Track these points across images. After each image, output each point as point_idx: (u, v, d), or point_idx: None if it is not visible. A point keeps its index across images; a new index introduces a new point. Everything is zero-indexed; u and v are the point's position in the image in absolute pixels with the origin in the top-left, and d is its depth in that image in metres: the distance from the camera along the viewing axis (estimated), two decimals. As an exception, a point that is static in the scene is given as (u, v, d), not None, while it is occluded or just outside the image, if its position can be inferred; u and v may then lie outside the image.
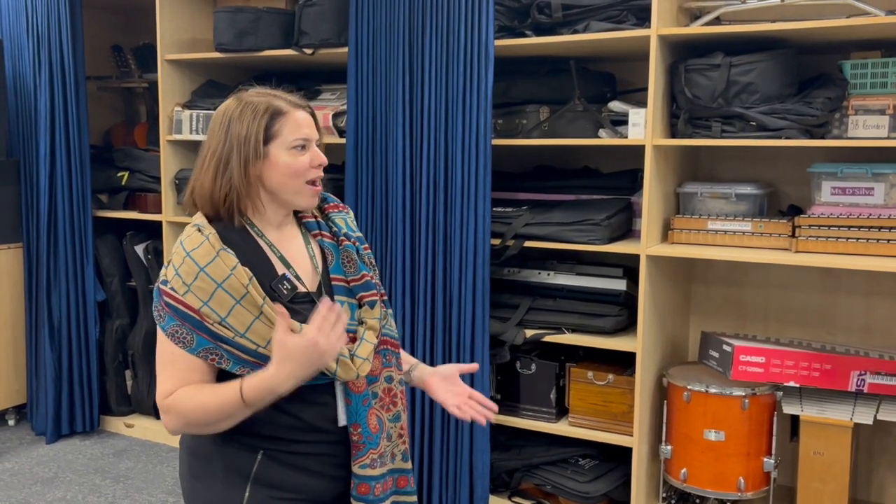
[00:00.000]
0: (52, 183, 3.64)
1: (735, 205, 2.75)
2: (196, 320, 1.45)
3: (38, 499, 3.16)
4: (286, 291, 1.51)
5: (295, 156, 1.53)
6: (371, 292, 1.60)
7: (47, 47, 3.56)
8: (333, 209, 1.68)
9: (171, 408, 1.47)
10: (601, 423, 2.83)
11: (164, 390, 1.49)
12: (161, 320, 1.49)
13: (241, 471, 1.53)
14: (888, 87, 2.49)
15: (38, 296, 3.74)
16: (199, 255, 1.46)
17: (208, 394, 1.45)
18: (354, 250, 1.61)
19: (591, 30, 2.66)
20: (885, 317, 2.86)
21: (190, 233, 1.51)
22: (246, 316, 1.45)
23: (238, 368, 1.47)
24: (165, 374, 1.50)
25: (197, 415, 1.46)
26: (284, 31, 3.26)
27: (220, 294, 1.44)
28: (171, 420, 1.49)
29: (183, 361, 1.47)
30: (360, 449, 1.55)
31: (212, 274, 1.45)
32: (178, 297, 1.46)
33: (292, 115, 1.53)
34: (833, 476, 2.56)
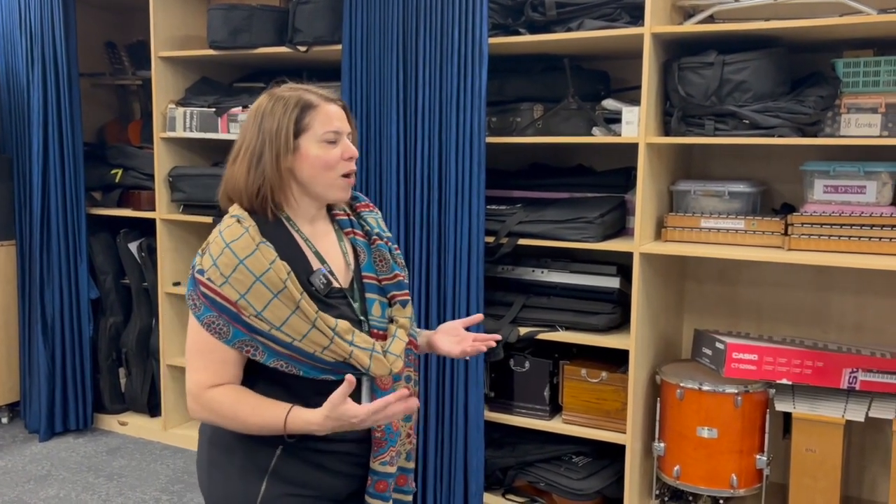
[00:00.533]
0: (46, 180, 3.63)
1: (728, 203, 2.76)
2: (233, 312, 1.46)
3: (31, 497, 3.15)
4: (322, 286, 1.52)
5: (326, 149, 1.54)
6: (404, 292, 1.63)
7: (40, 44, 3.55)
8: (364, 208, 1.70)
9: (207, 404, 1.49)
10: (595, 420, 2.84)
11: (200, 381, 1.49)
12: (196, 309, 1.49)
13: (259, 465, 1.54)
14: (880, 85, 2.51)
15: (32, 293, 3.74)
16: (239, 246, 1.46)
17: (251, 410, 1.47)
18: (387, 250, 1.64)
19: (584, 28, 2.66)
20: (877, 314, 2.87)
21: (229, 223, 1.50)
22: (283, 310, 1.46)
23: (272, 361, 1.48)
24: (199, 363, 1.50)
25: (231, 422, 1.48)
26: (278, 28, 3.26)
27: (258, 287, 1.45)
28: (201, 412, 1.50)
29: (218, 352, 1.48)
30: (381, 446, 1.57)
31: (251, 267, 1.45)
32: (214, 288, 1.46)
33: (323, 109, 1.54)
34: (825, 473, 2.57)
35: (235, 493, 1.54)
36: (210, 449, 1.60)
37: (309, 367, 1.49)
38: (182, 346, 3.72)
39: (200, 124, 3.42)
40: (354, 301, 1.58)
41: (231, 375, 1.50)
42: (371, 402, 1.44)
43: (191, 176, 3.49)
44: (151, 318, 3.80)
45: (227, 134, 3.36)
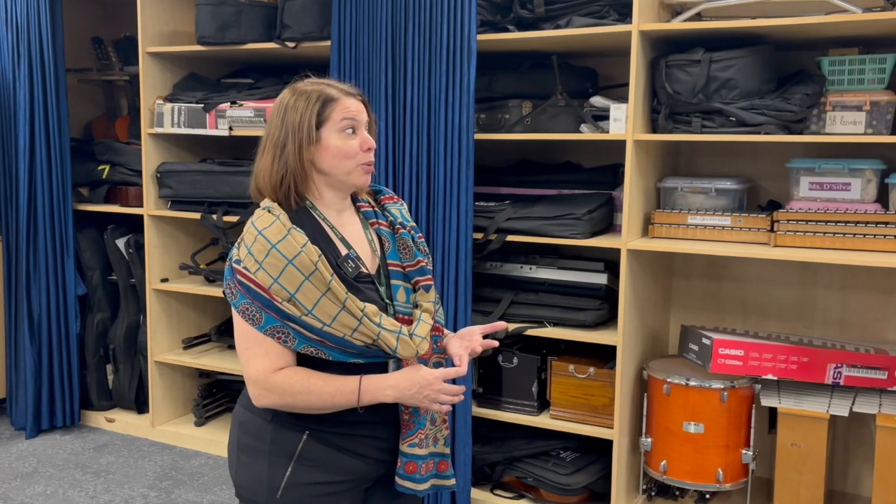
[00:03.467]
0: (32, 176, 3.61)
1: (715, 199, 2.78)
2: (265, 298, 1.50)
3: (17, 494, 3.14)
4: (351, 270, 1.58)
5: (345, 139, 1.60)
6: (426, 277, 1.68)
7: (26, 39, 3.53)
8: (389, 200, 1.75)
9: (277, 387, 1.53)
10: (582, 415, 2.85)
11: (264, 367, 1.54)
12: (233, 298, 1.55)
13: (286, 449, 1.58)
14: (865, 83, 2.53)
15: (18, 290, 3.72)
16: (271, 233, 1.52)
17: (322, 382, 1.53)
18: (410, 238, 1.69)
19: (573, 25, 2.67)
20: (862, 310, 2.90)
21: (260, 214, 1.57)
22: (314, 293, 1.50)
23: (303, 347, 1.53)
24: (258, 350, 1.54)
25: (304, 398, 1.53)
26: (267, 24, 3.25)
27: (290, 270, 1.50)
28: (270, 396, 1.54)
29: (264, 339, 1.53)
30: (410, 428, 1.62)
31: (283, 250, 1.50)
32: (249, 276, 1.51)
33: (343, 102, 1.60)
34: (810, 467, 2.59)
35: (261, 477, 1.60)
36: (241, 434, 1.64)
37: (338, 353, 1.54)
38: (169, 343, 3.72)
39: (188, 120, 3.41)
40: (381, 286, 1.63)
41: (288, 357, 1.55)
42: (444, 370, 1.55)
43: (178, 172, 3.48)
44: (139, 315, 3.79)
45: (215, 130, 3.35)
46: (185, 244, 3.74)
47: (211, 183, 3.41)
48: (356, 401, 1.54)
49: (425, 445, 1.64)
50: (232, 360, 3.62)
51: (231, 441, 1.68)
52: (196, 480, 3.28)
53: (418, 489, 1.64)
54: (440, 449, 1.69)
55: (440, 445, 1.69)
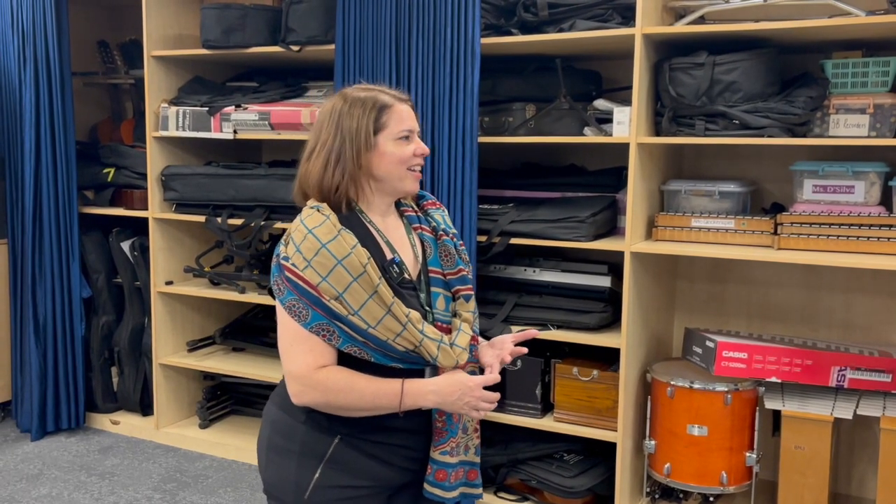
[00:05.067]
0: (38, 179, 3.63)
1: (718, 202, 2.78)
2: (313, 296, 1.52)
3: (23, 496, 3.15)
4: (395, 274, 1.61)
5: (401, 146, 1.63)
6: (467, 286, 1.69)
7: (32, 43, 3.55)
8: (431, 206, 1.77)
9: (320, 383, 1.54)
10: (586, 418, 2.85)
11: (308, 363, 1.55)
12: (280, 294, 1.56)
13: (316, 452, 1.60)
14: (868, 86, 2.53)
15: (24, 292, 3.73)
16: (321, 232, 1.54)
17: (366, 382, 1.54)
18: (452, 245, 1.71)
19: (576, 28, 2.68)
20: (866, 313, 2.89)
21: (310, 213, 1.59)
22: (361, 294, 1.52)
23: (347, 346, 1.55)
24: (303, 346, 1.55)
25: (346, 396, 1.54)
26: (272, 27, 3.27)
27: (339, 271, 1.52)
28: (311, 393, 1.55)
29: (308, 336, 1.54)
30: (442, 436, 1.63)
31: (333, 250, 1.52)
32: (297, 273, 1.53)
33: (397, 109, 1.64)
34: (814, 470, 2.59)
35: (289, 478, 1.61)
36: (272, 433, 1.66)
37: (380, 355, 1.56)
38: (174, 346, 3.73)
39: (193, 123, 3.42)
40: (421, 292, 1.65)
41: (330, 355, 1.57)
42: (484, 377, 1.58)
43: (183, 175, 3.49)
44: (144, 317, 3.80)
45: (219, 133, 3.36)
46: (190, 247, 3.75)
47: (216, 186, 3.42)
48: (398, 404, 1.55)
49: (456, 454, 1.65)
50: (236, 362, 3.63)
51: (261, 439, 1.69)
52: (201, 483, 3.29)
53: (447, 497, 1.65)
54: (470, 458, 1.70)
55: (471, 454, 1.70)
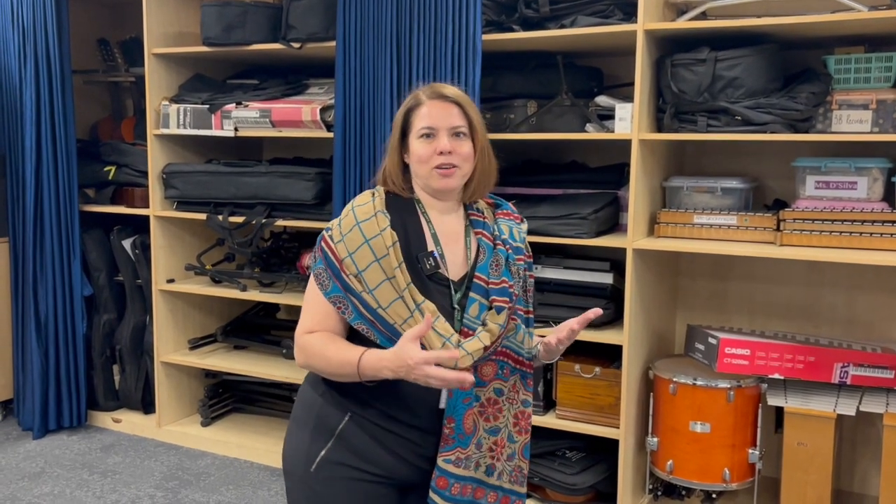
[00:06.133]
0: (39, 177, 3.62)
1: (721, 199, 2.77)
2: (336, 268, 1.58)
3: (25, 494, 3.15)
4: (429, 266, 1.60)
5: (422, 144, 1.63)
6: (503, 299, 1.62)
7: (33, 41, 3.54)
8: (504, 216, 1.76)
9: (303, 346, 1.62)
10: (588, 415, 2.85)
11: (303, 326, 1.63)
12: (314, 261, 1.64)
13: (328, 426, 1.63)
14: (871, 81, 2.52)
15: (25, 291, 3.73)
16: (361, 211, 1.61)
17: (335, 349, 1.58)
18: (504, 256, 1.67)
19: (577, 24, 2.67)
20: (868, 309, 2.89)
21: (364, 193, 1.66)
22: (378, 274, 1.56)
23: (357, 322, 1.58)
24: (308, 311, 1.63)
25: (319, 361, 1.60)
26: (272, 24, 3.26)
27: (364, 249, 1.57)
28: (299, 355, 1.63)
29: (322, 304, 1.60)
30: (448, 443, 1.61)
31: (364, 230, 1.58)
32: (331, 244, 1.60)
33: (424, 106, 1.64)
34: (816, 467, 2.59)
35: (300, 448, 1.65)
36: (297, 405, 1.71)
37: (385, 338, 1.56)
38: (175, 344, 3.72)
39: (194, 121, 3.41)
40: (457, 293, 1.62)
41: (331, 326, 1.61)
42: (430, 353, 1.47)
43: (184, 173, 3.49)
44: (145, 315, 3.80)
45: (220, 131, 3.36)
46: (191, 245, 3.75)
47: (216, 184, 3.41)
48: (357, 375, 1.54)
49: (464, 466, 1.61)
50: (238, 360, 3.63)
51: (294, 411, 1.73)
52: (202, 481, 3.29)
53: None
54: (480, 476, 1.65)
55: (480, 472, 1.64)
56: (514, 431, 1.69)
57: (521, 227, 1.76)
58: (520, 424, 1.70)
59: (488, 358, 1.62)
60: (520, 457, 1.71)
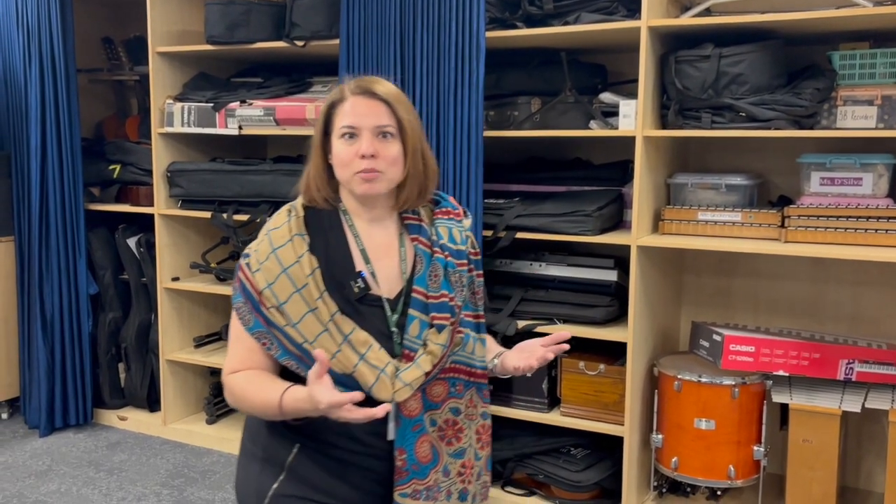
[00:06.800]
0: (44, 176, 3.63)
1: (725, 195, 2.77)
2: (256, 301, 1.45)
3: (31, 492, 3.16)
4: (357, 290, 1.45)
5: (343, 145, 1.47)
6: (444, 315, 1.47)
7: (37, 40, 3.55)
8: (442, 215, 1.56)
9: (229, 388, 1.50)
10: (593, 412, 2.85)
11: (228, 366, 1.51)
12: (234, 292, 1.50)
13: (277, 459, 1.52)
14: (876, 77, 2.51)
15: (31, 289, 3.74)
16: (276, 235, 1.47)
17: (256, 389, 1.44)
18: (443, 265, 1.50)
19: (581, 21, 2.67)
20: (873, 306, 2.88)
21: (280, 211, 1.51)
22: (301, 306, 1.42)
23: (284, 359, 1.45)
24: (231, 349, 1.51)
25: (243, 403, 1.47)
26: (276, 23, 3.26)
27: (283, 279, 1.43)
28: (228, 397, 1.51)
29: (245, 340, 1.47)
30: (402, 476, 1.47)
31: (281, 257, 1.44)
32: (248, 275, 1.46)
33: (347, 103, 1.48)
34: (822, 463, 2.58)
35: (251, 481, 1.54)
36: (245, 433, 1.61)
37: None
38: (180, 342, 3.73)
39: (198, 119, 3.42)
40: (394, 313, 1.48)
41: (258, 363, 1.48)
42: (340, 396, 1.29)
43: (189, 171, 3.49)
44: (150, 314, 3.81)
45: (224, 129, 3.36)
46: (196, 243, 3.76)
47: (221, 182, 3.42)
48: (279, 411, 1.40)
49: (424, 497, 1.47)
50: (243, 358, 3.63)
51: (241, 440, 1.65)
52: (208, 478, 3.30)
53: None
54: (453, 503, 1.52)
55: (454, 500, 1.52)
56: (478, 448, 1.57)
57: (463, 224, 1.57)
58: (482, 439, 1.58)
59: (435, 378, 1.49)
60: (485, 472, 1.60)
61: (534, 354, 1.50)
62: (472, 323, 1.55)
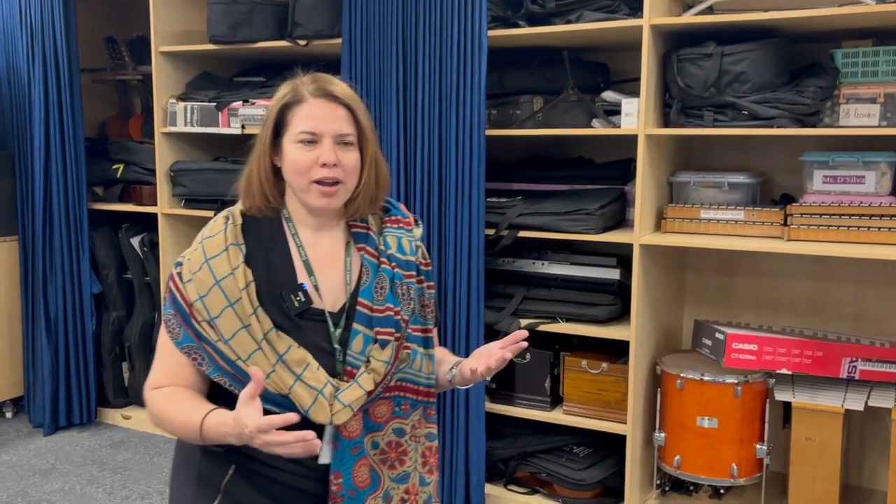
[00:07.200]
0: (47, 176, 3.64)
1: (728, 194, 2.76)
2: (186, 314, 1.36)
3: (36, 490, 3.17)
4: (297, 304, 1.37)
5: (301, 150, 1.38)
6: (388, 330, 1.39)
7: (41, 40, 3.56)
8: (391, 224, 1.49)
9: (149, 404, 1.41)
10: (595, 411, 2.85)
11: (151, 381, 1.41)
12: (164, 304, 1.41)
13: (212, 481, 1.41)
14: (879, 75, 2.51)
15: (35, 289, 3.75)
16: (210, 244, 1.39)
17: (176, 408, 1.36)
18: (389, 277, 1.42)
19: (583, 20, 2.67)
20: (876, 304, 2.88)
21: (217, 218, 1.43)
22: (234, 322, 1.34)
23: (216, 375, 1.37)
24: (158, 363, 1.41)
25: (163, 423, 1.39)
26: (278, 22, 3.27)
27: (216, 292, 1.34)
28: (148, 412, 1.42)
29: (174, 355, 1.38)
30: (335, 501, 1.37)
31: (214, 268, 1.36)
32: (179, 286, 1.38)
33: (307, 105, 1.39)
34: (825, 462, 2.58)
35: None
36: (176, 454, 1.51)
37: None
38: (185, 340, 3.74)
39: (201, 119, 3.43)
40: (336, 327, 1.40)
41: (185, 380, 1.39)
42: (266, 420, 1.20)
43: (192, 171, 3.50)
44: (154, 313, 3.82)
45: (227, 129, 3.37)
46: (199, 242, 3.76)
47: (224, 181, 3.42)
48: (199, 436, 1.31)
49: None
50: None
51: (173, 460, 1.54)
52: (211, 477, 3.30)
53: None
54: None
55: None
56: (425, 472, 1.48)
57: (414, 234, 1.49)
58: (429, 463, 1.48)
59: (378, 398, 1.40)
60: (435, 498, 1.50)
61: (492, 356, 1.39)
62: (419, 338, 1.46)
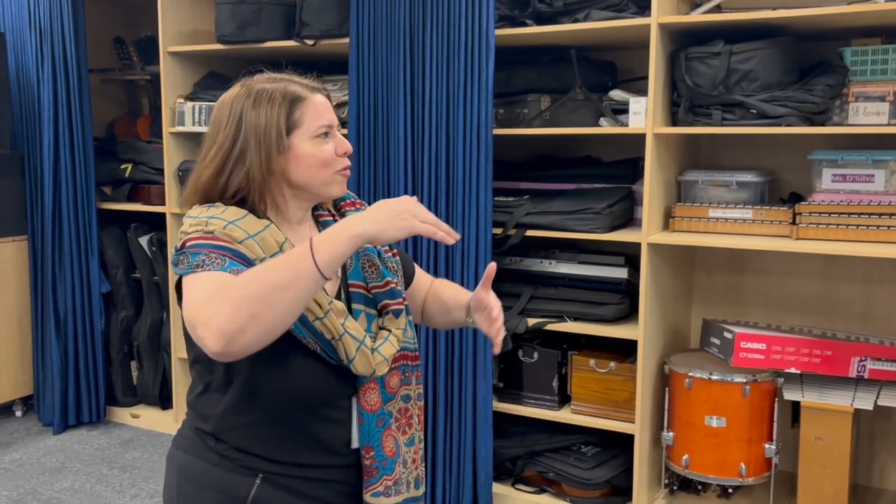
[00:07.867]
0: (56, 176, 3.66)
1: (736, 192, 2.76)
2: (231, 249, 1.27)
3: (45, 488, 3.19)
4: None
5: (319, 145, 1.37)
6: (397, 301, 1.44)
7: (50, 40, 3.57)
8: (350, 207, 1.51)
9: (214, 300, 1.18)
10: (603, 410, 2.85)
11: (198, 300, 1.21)
12: (183, 267, 1.27)
13: (235, 496, 1.36)
14: (888, 73, 2.50)
15: (44, 288, 3.77)
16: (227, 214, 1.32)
17: (262, 269, 1.21)
18: (375, 254, 1.45)
19: (591, 18, 2.66)
20: (885, 303, 2.87)
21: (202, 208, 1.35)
22: None
23: None
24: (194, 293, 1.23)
25: (251, 290, 1.17)
26: (286, 22, 3.27)
27: (251, 244, 1.30)
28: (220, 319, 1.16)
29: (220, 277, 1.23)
30: (372, 475, 1.40)
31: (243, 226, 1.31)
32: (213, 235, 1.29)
33: (312, 101, 1.39)
34: (834, 461, 2.57)
35: None
36: (180, 479, 1.43)
37: (298, 324, 1.29)
38: (193, 340, 3.74)
39: (209, 118, 3.43)
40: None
41: None
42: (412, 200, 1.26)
43: (200, 170, 3.51)
44: (162, 312, 3.83)
45: (235, 128, 3.37)
46: (207, 242, 3.77)
47: (232, 181, 3.43)
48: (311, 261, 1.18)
49: (394, 493, 1.42)
50: (254, 356, 3.64)
51: (168, 490, 1.46)
52: (220, 475, 3.31)
53: None
54: (412, 493, 1.47)
55: (412, 489, 1.47)
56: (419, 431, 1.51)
57: None
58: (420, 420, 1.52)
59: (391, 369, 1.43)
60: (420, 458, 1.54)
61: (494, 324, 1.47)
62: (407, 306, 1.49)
